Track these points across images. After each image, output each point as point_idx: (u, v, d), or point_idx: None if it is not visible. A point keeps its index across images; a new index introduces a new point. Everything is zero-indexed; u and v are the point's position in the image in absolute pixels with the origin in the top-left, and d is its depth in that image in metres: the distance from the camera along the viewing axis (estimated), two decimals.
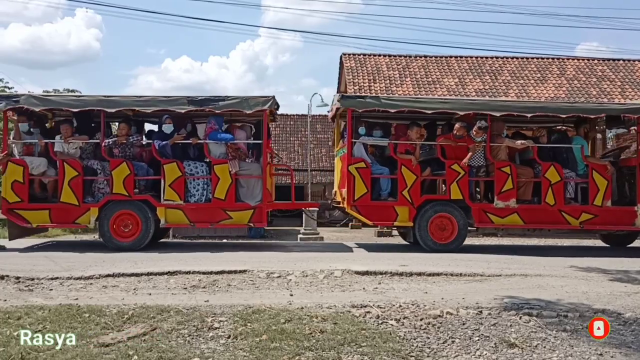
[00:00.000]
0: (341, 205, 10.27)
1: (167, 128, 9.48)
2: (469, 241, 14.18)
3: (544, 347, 4.31)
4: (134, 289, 6.03)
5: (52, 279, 6.36)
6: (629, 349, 4.28)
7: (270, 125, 10.23)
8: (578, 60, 22.97)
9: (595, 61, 22.72)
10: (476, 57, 23.14)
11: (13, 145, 9.51)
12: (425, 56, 23.10)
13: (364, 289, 6.15)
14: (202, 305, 5.13)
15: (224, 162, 9.35)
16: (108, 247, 9.17)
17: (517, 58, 23.19)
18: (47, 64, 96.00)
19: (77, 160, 9.34)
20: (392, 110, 9.53)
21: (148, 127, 10.90)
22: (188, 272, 6.64)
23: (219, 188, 9.31)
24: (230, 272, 6.71)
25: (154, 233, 9.48)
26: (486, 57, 23.16)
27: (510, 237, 15.10)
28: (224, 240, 14.70)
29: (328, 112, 12.89)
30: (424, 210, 9.47)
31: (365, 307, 5.21)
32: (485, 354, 4.13)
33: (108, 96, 9.39)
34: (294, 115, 32.73)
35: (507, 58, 23.16)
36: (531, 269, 7.37)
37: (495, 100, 10.82)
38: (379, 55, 22.94)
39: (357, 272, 6.80)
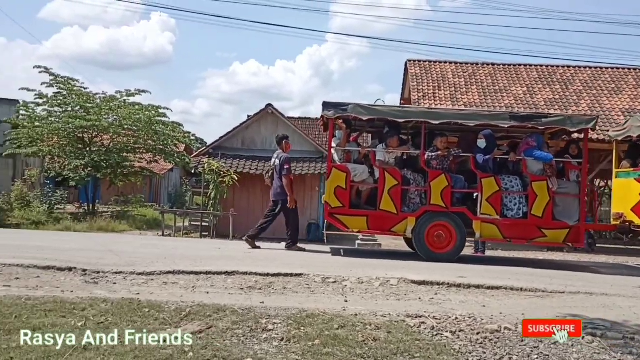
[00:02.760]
0: None
1: (481, 143, 9.62)
2: (526, 254, 13.77)
3: None
4: (193, 287, 6.16)
5: (116, 273, 6.59)
6: None
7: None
8: None
9: None
10: (547, 66, 22.46)
11: (335, 151, 9.93)
12: (493, 64, 22.62)
13: (419, 298, 6.06)
14: (258, 307, 5.19)
15: (543, 179, 9.43)
16: (423, 258, 9.38)
17: (590, 67, 22.35)
18: (123, 65, 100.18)
19: (397, 170, 9.62)
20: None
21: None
22: (245, 273, 6.73)
23: (537, 205, 9.36)
24: (286, 275, 6.76)
25: None
26: (557, 66, 22.44)
27: (577, 254, 14.54)
28: (282, 243, 14.80)
29: None
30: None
31: (420, 317, 5.13)
32: None
33: (432, 109, 9.94)
34: None
35: (579, 67, 22.37)
36: (597, 288, 7.06)
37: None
38: (445, 62, 22.64)
39: (414, 282, 6.71)
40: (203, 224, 19.17)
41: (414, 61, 22.67)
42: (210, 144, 21.69)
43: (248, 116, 25.41)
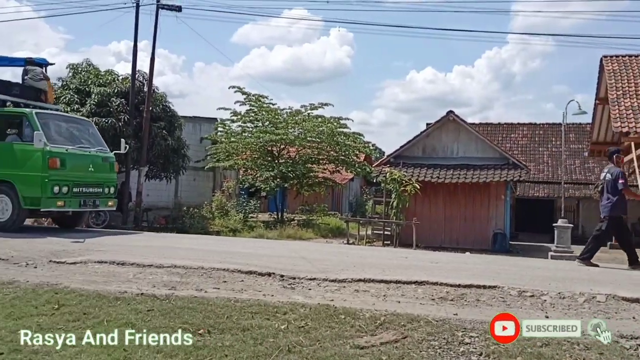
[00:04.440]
0: None
1: None
2: None
3: None
4: (384, 296, 6.20)
5: (310, 279, 6.87)
6: None
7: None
8: None
9: None
10: None
11: None
12: None
13: (633, 317, 5.44)
14: (452, 319, 5.05)
15: None
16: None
17: None
18: (305, 80, 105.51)
19: None
20: None
21: None
22: (435, 283, 6.61)
23: None
24: (479, 286, 6.51)
25: None
26: None
27: None
28: (467, 253, 14.38)
29: None
30: None
31: (637, 339, 4.60)
32: None
33: None
34: (543, 124, 30.77)
35: None
36: None
37: None
38: None
39: (626, 299, 6.04)
40: (385, 232, 19.34)
41: (611, 57, 20.69)
42: (391, 153, 21.87)
43: (427, 124, 25.21)
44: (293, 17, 68.11)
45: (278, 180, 23.44)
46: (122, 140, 13.04)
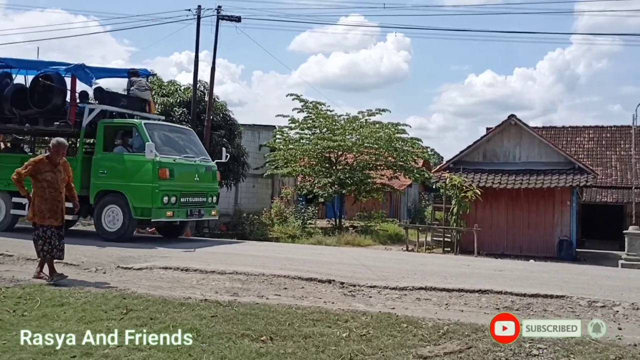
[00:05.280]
0: None
1: None
2: None
3: None
4: (446, 304, 6.10)
5: (370, 286, 6.84)
6: None
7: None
8: None
9: None
10: None
11: None
12: None
13: None
14: None
15: None
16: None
17: None
18: (362, 86, 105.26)
19: None
20: None
21: None
22: (500, 292, 6.45)
23: None
24: (545, 296, 6.31)
25: None
26: None
27: None
28: (530, 260, 13.95)
29: None
30: None
31: None
32: None
33: None
34: (610, 127, 29.53)
35: None
36: None
37: None
38: None
39: None
40: (445, 239, 19.03)
41: None
42: (450, 159, 21.50)
43: (487, 128, 24.65)
44: (350, 24, 68.22)
45: (336, 186, 23.44)
46: (223, 149, 13.12)
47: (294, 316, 5.13)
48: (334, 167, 24.22)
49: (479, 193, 18.18)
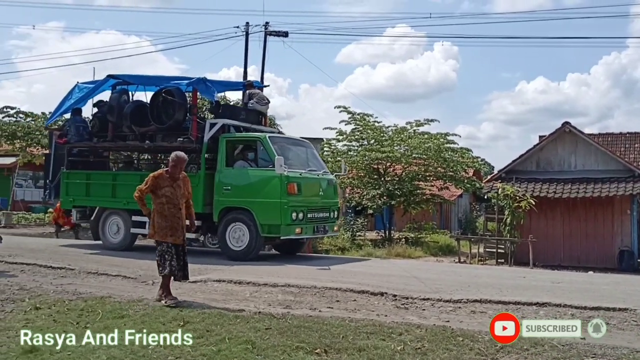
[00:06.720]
0: None
1: None
2: None
3: None
4: None
5: (423, 299, 6.75)
6: None
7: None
8: None
9: None
10: None
11: None
12: None
13: None
14: (579, 343, 4.75)
15: None
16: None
17: None
18: (409, 97, 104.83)
19: None
20: None
21: None
22: (559, 305, 6.26)
23: None
24: (607, 309, 6.09)
25: None
26: None
27: None
28: (589, 272, 13.48)
29: None
30: None
31: None
32: None
33: None
34: None
35: None
36: None
37: None
38: None
39: None
40: (499, 250, 18.63)
41: None
42: (503, 168, 21.10)
43: (540, 137, 24.07)
44: (396, 34, 68.14)
45: (384, 198, 23.31)
46: (342, 160, 12.82)
47: (347, 329, 5.11)
48: (382, 179, 24.12)
49: (533, 203, 17.75)
